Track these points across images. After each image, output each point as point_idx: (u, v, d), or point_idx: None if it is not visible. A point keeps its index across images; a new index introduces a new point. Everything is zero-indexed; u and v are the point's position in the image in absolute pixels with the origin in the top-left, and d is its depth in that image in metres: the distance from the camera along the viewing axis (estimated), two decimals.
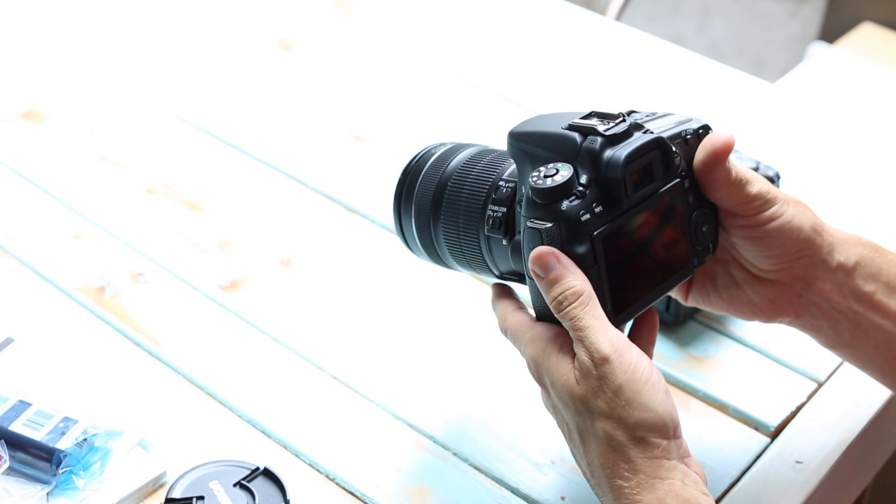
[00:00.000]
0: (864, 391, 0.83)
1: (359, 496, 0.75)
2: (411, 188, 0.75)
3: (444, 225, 0.73)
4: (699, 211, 0.70)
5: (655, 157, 0.66)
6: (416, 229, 0.75)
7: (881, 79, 1.81)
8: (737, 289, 0.73)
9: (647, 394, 0.61)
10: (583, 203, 0.64)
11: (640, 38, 1.28)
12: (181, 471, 0.72)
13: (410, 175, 0.75)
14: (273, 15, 1.28)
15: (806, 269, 0.71)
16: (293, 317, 0.89)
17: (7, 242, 0.94)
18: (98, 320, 0.87)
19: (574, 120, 0.66)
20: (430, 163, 0.75)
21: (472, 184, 0.72)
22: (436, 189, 0.73)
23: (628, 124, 0.66)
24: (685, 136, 0.69)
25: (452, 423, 0.80)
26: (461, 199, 0.72)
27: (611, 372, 0.61)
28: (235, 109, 1.13)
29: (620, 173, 0.64)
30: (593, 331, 0.62)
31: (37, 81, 1.16)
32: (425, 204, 0.74)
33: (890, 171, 1.09)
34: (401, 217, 0.76)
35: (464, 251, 0.73)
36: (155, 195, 1.01)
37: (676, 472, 0.61)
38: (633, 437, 0.61)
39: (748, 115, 1.16)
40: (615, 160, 0.64)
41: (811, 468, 0.78)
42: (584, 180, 0.64)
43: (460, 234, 0.73)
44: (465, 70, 1.20)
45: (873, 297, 0.71)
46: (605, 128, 0.65)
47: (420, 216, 0.74)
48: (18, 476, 0.73)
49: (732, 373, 0.85)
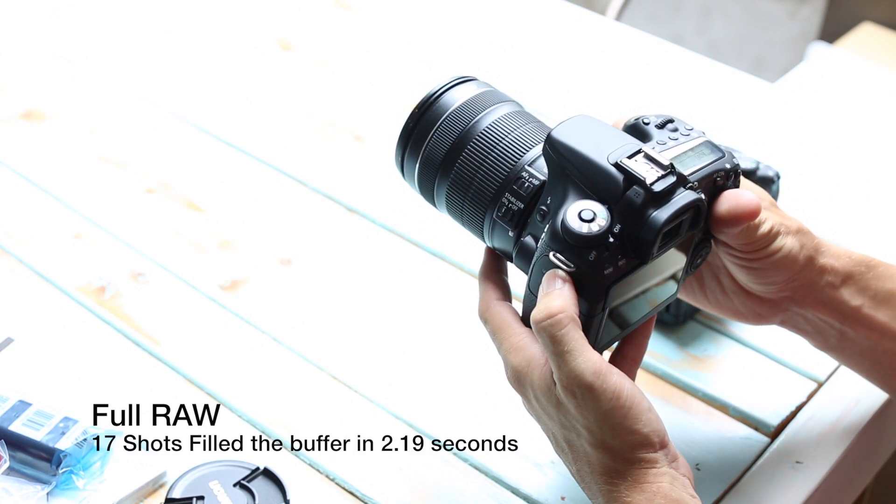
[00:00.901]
0: (864, 391, 0.83)
1: (359, 496, 0.75)
2: (425, 130, 0.71)
3: (449, 186, 0.70)
4: (698, 239, 0.69)
5: (688, 217, 0.64)
6: (419, 175, 0.71)
7: (881, 79, 1.81)
8: (723, 295, 0.74)
9: (633, 417, 0.61)
10: (610, 256, 0.62)
11: (640, 38, 1.28)
12: (181, 471, 0.72)
13: (429, 113, 0.71)
14: (273, 15, 1.28)
15: (795, 290, 0.72)
16: (293, 317, 0.89)
17: (7, 242, 0.94)
18: (98, 320, 0.87)
19: (622, 159, 0.63)
20: (454, 108, 0.70)
21: (493, 161, 0.68)
22: (452, 146, 0.69)
23: (675, 179, 0.63)
24: (716, 178, 0.67)
25: (452, 423, 0.80)
26: (478, 172, 0.69)
27: (595, 399, 0.61)
28: (235, 109, 1.13)
29: (655, 236, 0.62)
30: (573, 356, 0.61)
31: (37, 81, 1.16)
32: (436, 157, 0.70)
33: (890, 171, 1.09)
34: (405, 152, 0.72)
35: (462, 214, 0.70)
36: (155, 195, 1.01)
37: (665, 476, 0.62)
38: (621, 457, 0.62)
39: (748, 115, 1.16)
40: (654, 223, 0.62)
41: (811, 468, 0.78)
42: (616, 230, 0.63)
43: (465, 204, 0.70)
44: (466, 70, 1.20)
45: (860, 310, 0.72)
46: (652, 179, 0.63)
47: (427, 166, 0.71)
48: (18, 476, 0.73)
49: (732, 373, 0.85)
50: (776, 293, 0.72)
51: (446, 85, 0.72)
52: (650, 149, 0.64)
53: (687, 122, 0.70)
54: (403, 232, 0.97)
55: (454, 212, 0.71)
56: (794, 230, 0.70)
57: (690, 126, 0.69)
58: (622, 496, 0.62)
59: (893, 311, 0.72)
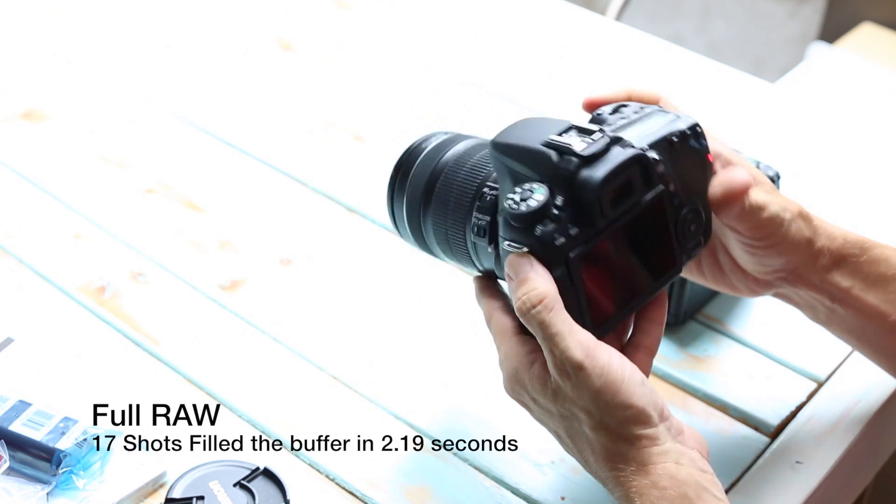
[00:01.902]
0: (864, 391, 0.83)
1: (359, 496, 0.75)
2: (405, 176, 0.74)
3: (433, 219, 0.73)
4: (687, 211, 0.69)
5: (634, 173, 0.65)
6: (407, 218, 0.75)
7: (881, 79, 1.81)
8: (720, 272, 0.75)
9: (625, 392, 0.61)
10: (557, 227, 0.63)
11: (640, 38, 1.28)
12: (181, 471, 0.72)
13: (406, 162, 0.75)
14: (273, 15, 1.28)
15: (790, 271, 0.73)
16: (293, 317, 0.89)
17: (7, 242, 0.94)
18: (98, 320, 0.87)
19: (551, 136, 0.65)
20: (425, 152, 0.74)
21: (460, 184, 0.71)
22: (427, 181, 0.73)
23: (607, 141, 0.65)
24: (671, 140, 0.68)
25: (452, 423, 0.80)
26: (450, 197, 0.71)
27: (586, 378, 0.61)
28: (235, 109, 1.13)
29: (595, 195, 0.63)
30: (562, 337, 0.62)
31: (37, 81, 1.16)
32: (417, 195, 0.73)
33: (890, 170, 1.09)
34: (393, 202, 0.76)
35: (451, 246, 0.73)
36: (155, 195, 1.01)
37: (669, 454, 0.61)
38: (620, 437, 0.62)
39: (748, 115, 1.16)
40: (590, 183, 0.63)
41: (811, 468, 0.78)
42: (559, 202, 0.64)
43: (448, 232, 0.72)
44: (465, 70, 1.20)
45: (850, 291, 0.73)
46: (581, 147, 0.64)
47: (411, 206, 0.74)
48: (18, 476, 0.73)
49: (732, 373, 0.85)
50: (773, 274, 0.73)
51: (417, 141, 0.76)
52: (582, 123, 0.66)
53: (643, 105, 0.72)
54: None
55: (443, 246, 0.74)
56: (796, 214, 0.71)
57: (644, 105, 0.71)
58: (629, 481, 0.61)
59: (884, 293, 0.73)
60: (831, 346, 0.86)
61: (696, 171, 0.70)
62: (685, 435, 0.64)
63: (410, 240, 0.76)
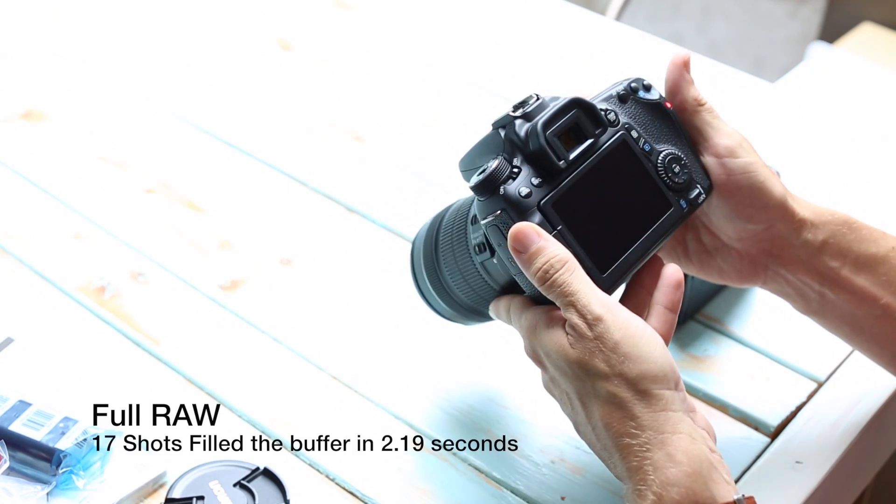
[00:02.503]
0: (864, 391, 0.83)
1: (359, 496, 0.75)
2: (417, 254, 0.78)
3: (445, 267, 0.75)
4: (667, 152, 0.71)
5: (579, 116, 0.68)
6: (431, 286, 0.77)
7: (881, 79, 1.81)
8: (707, 255, 0.75)
9: (645, 346, 0.62)
10: (520, 181, 0.66)
11: (640, 38, 1.28)
12: (181, 471, 0.72)
13: (414, 244, 0.78)
14: (273, 15, 1.28)
15: (773, 241, 0.72)
16: (293, 317, 0.89)
17: (7, 242, 0.94)
18: (98, 320, 0.87)
19: (498, 119, 0.69)
20: (427, 225, 0.77)
21: (456, 223, 0.74)
22: (431, 241, 0.76)
23: (541, 100, 0.68)
24: (618, 93, 0.71)
25: (452, 423, 0.80)
26: (451, 238, 0.74)
27: (606, 330, 0.62)
28: (235, 109, 1.13)
29: (542, 140, 0.66)
30: (583, 294, 0.63)
31: (37, 81, 1.16)
32: (428, 260, 0.76)
33: (890, 170, 1.09)
34: (418, 283, 0.78)
35: (469, 283, 0.74)
36: (155, 195, 1.01)
37: (684, 424, 0.61)
38: (637, 391, 0.61)
39: (748, 115, 1.16)
40: (532, 130, 0.66)
41: (811, 468, 0.78)
42: (517, 162, 0.67)
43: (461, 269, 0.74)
44: (465, 70, 1.20)
45: (839, 273, 0.72)
46: (519, 112, 0.68)
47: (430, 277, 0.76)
48: (18, 476, 0.73)
49: (732, 373, 0.85)
50: (755, 244, 0.73)
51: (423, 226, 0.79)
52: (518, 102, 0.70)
53: None
54: (403, 232, 0.97)
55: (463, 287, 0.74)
56: (773, 174, 0.72)
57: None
58: (643, 451, 0.61)
59: (874, 275, 0.72)
60: (831, 346, 0.86)
61: (658, 120, 0.72)
62: (697, 414, 0.64)
63: (445, 311, 0.78)
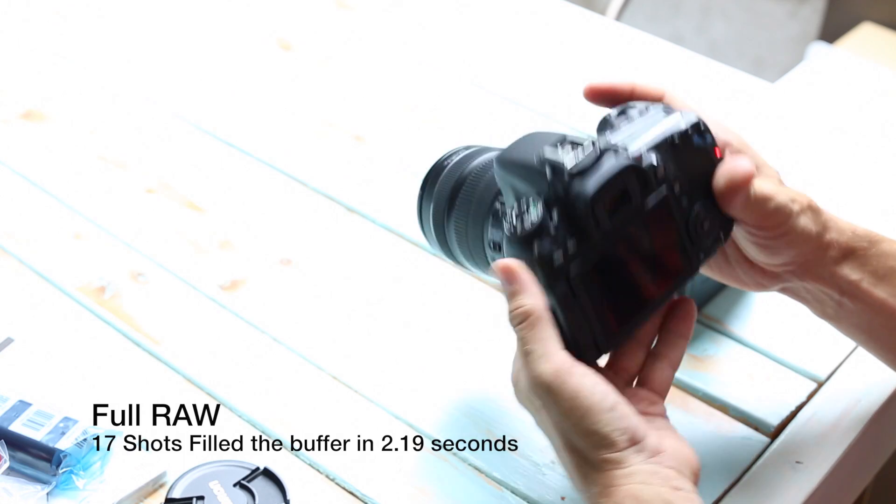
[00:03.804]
0: (864, 391, 0.83)
1: (359, 496, 0.75)
2: (433, 185, 0.76)
3: (455, 227, 0.74)
4: (698, 208, 0.68)
5: (630, 181, 0.65)
6: (434, 225, 0.77)
7: (881, 79, 1.81)
8: (726, 265, 0.75)
9: (591, 418, 0.62)
10: (555, 243, 0.63)
11: (640, 38, 1.28)
12: (181, 471, 0.72)
13: (433, 173, 0.77)
14: (273, 15, 1.28)
15: (800, 265, 0.72)
16: (293, 317, 0.89)
17: (7, 242, 0.94)
18: (98, 320, 0.87)
19: (546, 153, 0.65)
20: (452, 163, 0.76)
21: (479, 194, 0.73)
22: (451, 189, 0.75)
23: (597, 153, 0.65)
24: (672, 140, 0.68)
25: (452, 423, 0.80)
26: (470, 207, 0.73)
27: (554, 400, 0.62)
28: (235, 109, 1.13)
29: (588, 208, 0.63)
30: (535, 356, 0.63)
31: (37, 81, 1.16)
32: (441, 202, 0.75)
33: (890, 170, 1.09)
34: (421, 212, 0.78)
35: (474, 256, 0.75)
36: (155, 195, 1.01)
37: (635, 476, 0.62)
38: (585, 459, 0.63)
39: (748, 115, 1.16)
40: (581, 196, 0.63)
41: (811, 468, 0.78)
42: (555, 217, 0.64)
43: (470, 242, 0.74)
44: (465, 70, 1.20)
45: (859, 285, 0.72)
46: (572, 162, 0.64)
47: (437, 213, 0.76)
48: (18, 476, 0.73)
49: (732, 373, 0.85)
50: (781, 267, 0.72)
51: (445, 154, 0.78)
52: (574, 135, 0.67)
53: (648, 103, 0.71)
54: (403, 232, 0.97)
55: (466, 255, 0.76)
56: (806, 206, 0.70)
57: (649, 104, 0.71)
58: (596, 496, 0.62)
59: (892, 287, 0.72)
60: (831, 346, 0.86)
61: (703, 168, 0.69)
62: (665, 454, 0.63)
63: (437, 248, 0.78)
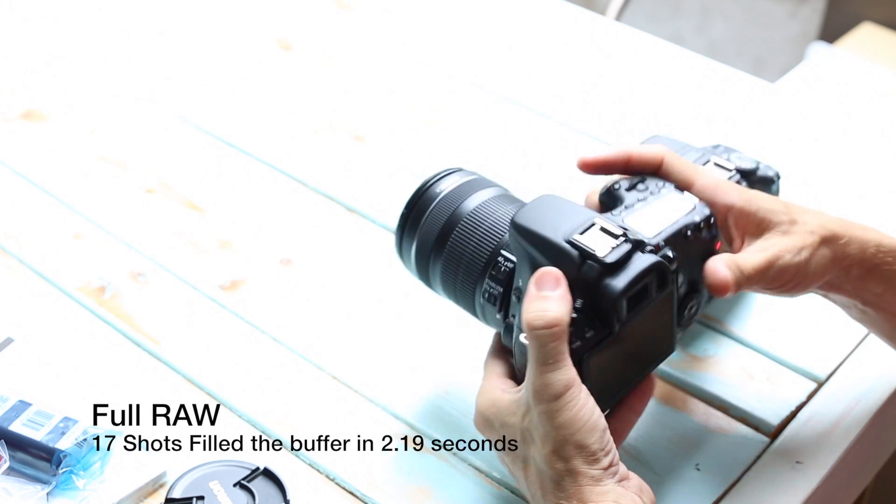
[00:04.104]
0: (864, 391, 0.83)
1: (359, 496, 0.75)
2: (420, 215, 0.75)
3: (443, 268, 0.74)
4: (692, 298, 0.71)
5: (652, 279, 0.66)
6: (416, 257, 0.76)
7: (881, 79, 1.81)
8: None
9: (586, 432, 0.63)
10: (576, 330, 0.64)
11: (640, 38, 1.28)
12: (181, 471, 0.72)
13: (422, 200, 0.76)
14: (273, 15, 1.28)
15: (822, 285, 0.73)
16: (293, 317, 0.89)
17: (7, 242, 0.94)
18: (98, 320, 0.87)
19: (575, 235, 0.66)
20: (443, 195, 0.75)
21: (476, 244, 0.72)
22: (442, 229, 0.74)
23: (629, 247, 0.65)
24: (685, 233, 0.69)
25: (453, 424, 0.80)
26: (464, 254, 0.73)
27: (557, 409, 0.63)
28: (235, 109, 1.13)
29: (615, 304, 0.64)
30: (551, 368, 0.63)
31: (37, 81, 1.16)
32: (429, 239, 0.75)
33: (890, 170, 1.09)
34: (403, 236, 0.77)
35: (457, 297, 0.75)
36: (155, 195, 1.01)
37: (608, 494, 0.63)
38: (567, 470, 0.63)
39: (748, 115, 1.16)
40: (611, 293, 0.64)
41: (811, 468, 0.78)
42: (578, 304, 0.65)
43: (457, 286, 0.74)
44: (465, 70, 1.20)
45: (882, 296, 0.73)
46: (604, 252, 0.65)
47: (422, 248, 0.75)
48: (18, 476, 0.73)
49: (732, 373, 0.85)
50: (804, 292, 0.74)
51: (435, 176, 0.76)
52: (605, 219, 0.67)
53: (659, 179, 0.72)
54: None
55: (450, 294, 0.76)
56: (815, 245, 0.70)
57: (662, 182, 0.72)
58: None
59: None
60: (831, 346, 0.86)
61: (702, 259, 0.71)
62: (630, 482, 0.65)
63: (413, 272, 0.78)
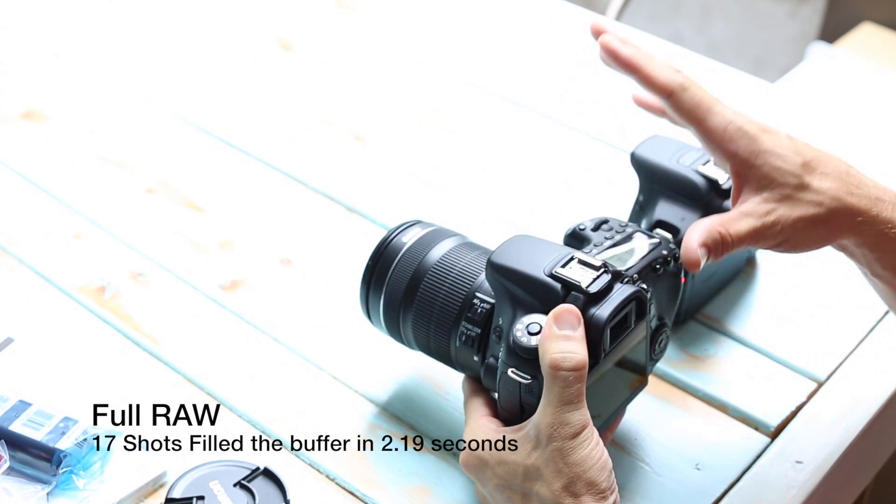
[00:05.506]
0: (864, 391, 0.83)
1: (359, 496, 0.75)
2: (384, 271, 0.76)
3: (414, 321, 0.75)
4: (660, 328, 0.73)
5: (632, 308, 0.68)
6: (384, 315, 0.77)
7: (881, 79, 1.81)
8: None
9: (597, 470, 0.65)
10: None
11: (640, 38, 1.28)
12: (181, 471, 0.72)
13: (385, 256, 0.76)
14: (273, 15, 1.28)
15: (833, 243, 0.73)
16: (293, 317, 0.89)
17: (7, 242, 0.94)
18: (98, 320, 0.87)
19: (557, 269, 0.67)
20: (406, 248, 0.76)
21: (447, 291, 0.73)
22: (409, 282, 0.75)
23: (609, 276, 0.67)
24: (654, 267, 0.72)
25: (452, 424, 0.80)
26: (435, 303, 0.73)
27: (573, 447, 0.64)
28: (235, 109, 1.13)
29: (601, 333, 0.66)
30: (574, 406, 0.65)
31: (37, 81, 1.16)
32: (397, 295, 0.75)
33: (890, 170, 1.09)
34: (368, 294, 0.77)
35: (431, 348, 0.75)
36: (155, 195, 1.01)
37: None
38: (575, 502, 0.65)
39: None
40: (597, 322, 0.66)
41: (811, 468, 0.78)
42: None
43: (430, 336, 0.75)
44: (465, 70, 1.20)
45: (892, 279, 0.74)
46: (587, 282, 0.66)
47: (390, 304, 0.76)
48: (18, 476, 0.73)
49: (732, 373, 0.85)
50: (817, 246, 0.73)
51: (396, 229, 0.77)
52: (583, 254, 0.69)
53: (620, 219, 0.75)
54: None
55: (422, 346, 0.76)
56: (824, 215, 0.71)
57: (624, 222, 0.75)
58: None
59: None
60: (831, 346, 0.86)
61: (669, 291, 0.74)
62: None
63: (383, 330, 0.78)
